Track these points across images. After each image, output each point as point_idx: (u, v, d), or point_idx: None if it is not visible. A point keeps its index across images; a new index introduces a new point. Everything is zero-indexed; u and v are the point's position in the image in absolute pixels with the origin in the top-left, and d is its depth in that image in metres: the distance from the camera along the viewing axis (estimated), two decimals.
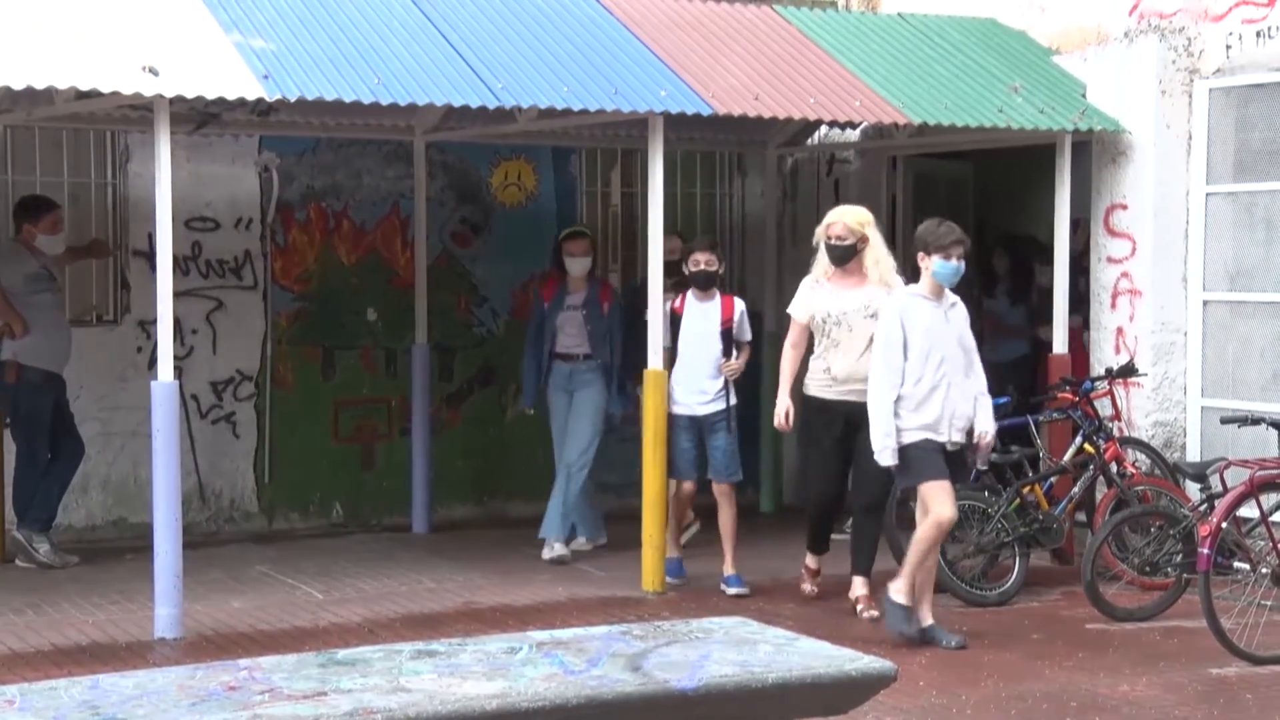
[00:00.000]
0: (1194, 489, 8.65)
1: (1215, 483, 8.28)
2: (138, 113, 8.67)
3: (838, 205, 11.41)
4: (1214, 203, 9.34)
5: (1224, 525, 7.22)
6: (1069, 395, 8.94)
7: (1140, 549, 8.28)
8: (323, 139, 10.17)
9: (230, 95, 7.42)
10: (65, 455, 9.23)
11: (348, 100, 7.63)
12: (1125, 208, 9.51)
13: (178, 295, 8.03)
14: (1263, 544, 7.39)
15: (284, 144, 10.19)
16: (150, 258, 8.96)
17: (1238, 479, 7.50)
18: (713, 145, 11.19)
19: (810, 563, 8.31)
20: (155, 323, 7.58)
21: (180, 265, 9.60)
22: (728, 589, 8.40)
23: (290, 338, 10.33)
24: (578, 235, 9.41)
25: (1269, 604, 7.30)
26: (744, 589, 8.37)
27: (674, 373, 8.41)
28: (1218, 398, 9.18)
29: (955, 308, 7.44)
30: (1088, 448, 8.69)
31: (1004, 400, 8.88)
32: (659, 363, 8.43)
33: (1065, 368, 9.47)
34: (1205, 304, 9.40)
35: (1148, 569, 8.21)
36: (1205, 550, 7.12)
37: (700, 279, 8.50)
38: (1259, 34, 9.03)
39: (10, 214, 9.24)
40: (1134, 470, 8.85)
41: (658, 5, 9.56)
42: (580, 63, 8.44)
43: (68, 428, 9.24)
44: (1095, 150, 9.64)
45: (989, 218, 12.18)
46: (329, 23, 8.14)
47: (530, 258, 10.86)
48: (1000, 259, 11.30)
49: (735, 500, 8.58)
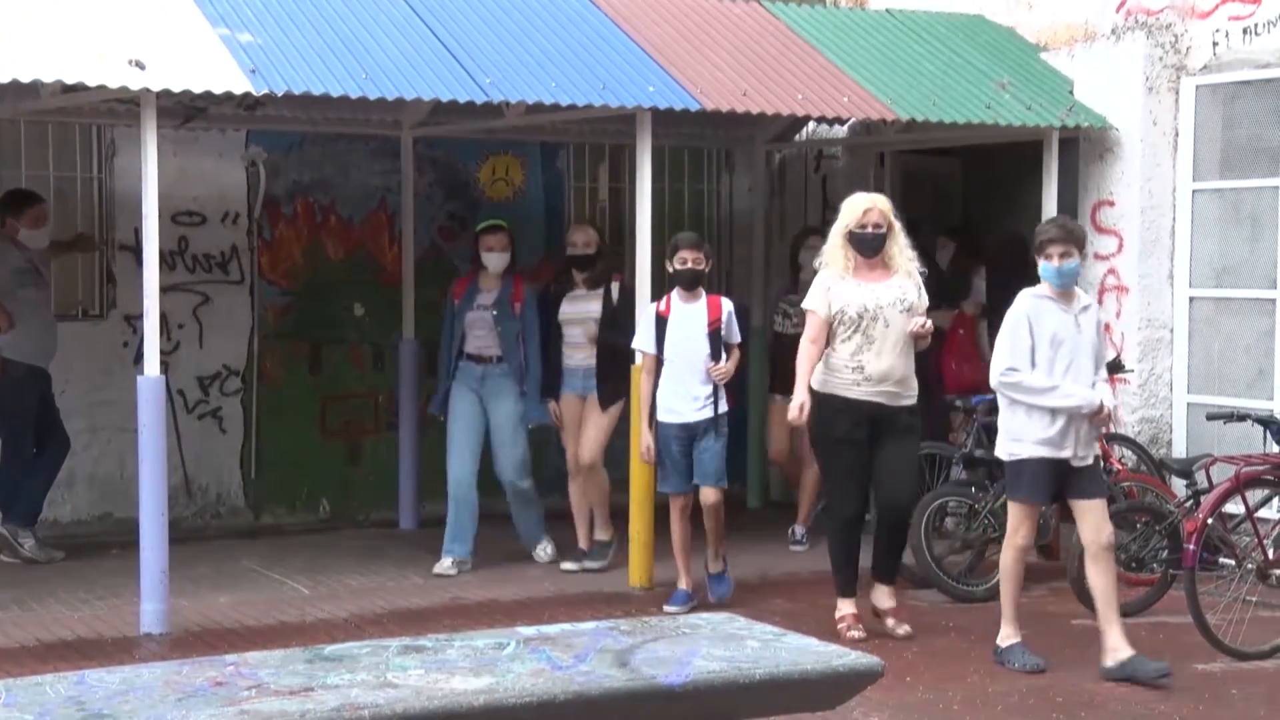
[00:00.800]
0: (1180, 485, 8.67)
1: (1201, 479, 8.30)
2: (124, 106, 8.63)
3: (826, 202, 11.58)
4: (1200, 199, 9.36)
5: (1210, 521, 7.23)
6: None
7: (1126, 545, 8.28)
8: (310, 134, 10.15)
9: (217, 89, 7.40)
10: (51, 450, 9.21)
11: (335, 94, 7.62)
12: (1112, 204, 9.53)
13: (164, 290, 8.00)
14: (1248, 540, 7.41)
15: (271, 139, 10.16)
16: (136, 252, 8.94)
17: (1223, 475, 7.52)
18: (700, 141, 11.20)
19: (848, 608, 7.57)
20: (141, 317, 7.55)
21: (166, 260, 9.55)
22: (710, 595, 8.11)
23: (277, 333, 10.30)
24: (496, 229, 8.85)
25: (1254, 600, 7.32)
26: (725, 592, 8.11)
27: (661, 379, 7.95)
28: (1204, 394, 9.20)
29: (1087, 312, 6.89)
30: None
31: (990, 397, 8.88)
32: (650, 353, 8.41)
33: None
34: (1191, 300, 9.42)
35: (1133, 565, 8.22)
36: (1191, 546, 7.14)
37: (686, 278, 7.99)
38: (1245, 31, 9.05)
39: None
40: (1120, 466, 8.86)
41: (645, 0, 9.55)
42: (568, 58, 8.44)
43: (53, 423, 9.22)
44: (1082, 147, 9.66)
45: (976, 214, 12.18)
46: (316, 17, 8.12)
47: (518, 253, 10.84)
48: (944, 252, 10.60)
49: (723, 509, 8.05)
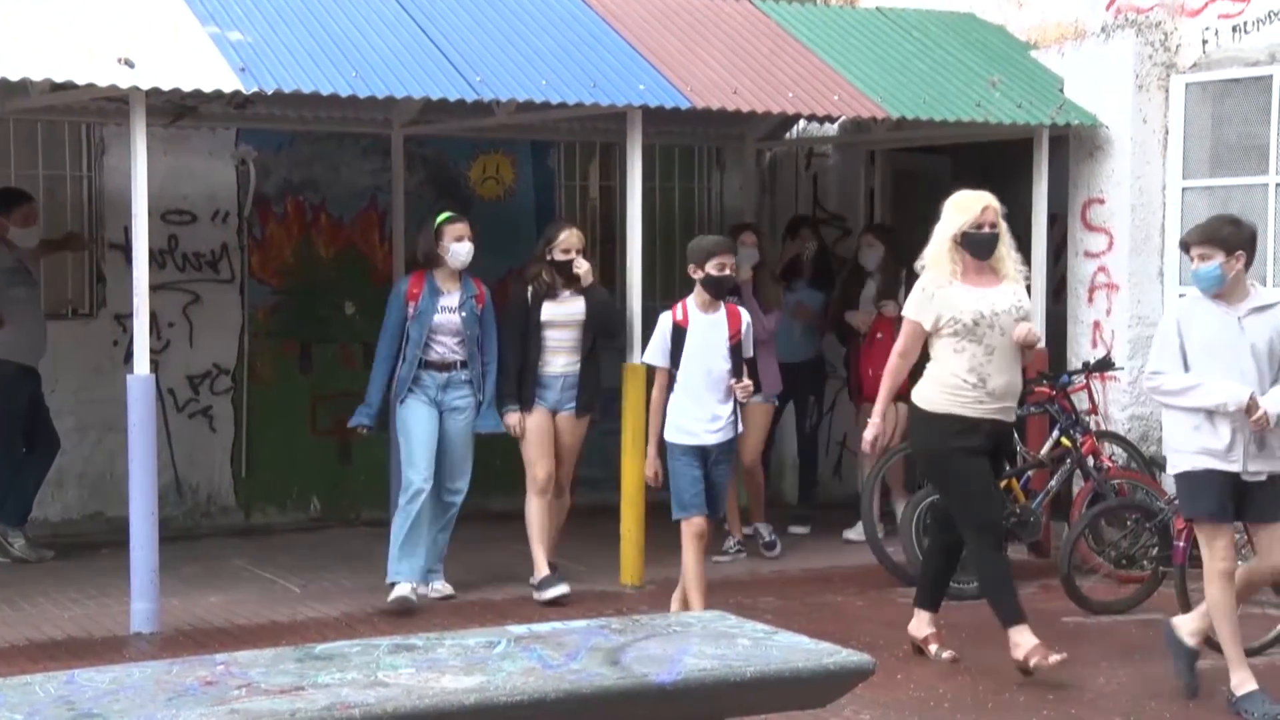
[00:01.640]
0: (1170, 482, 8.69)
1: None
2: (114, 105, 8.63)
3: (816, 200, 11.59)
4: (1190, 197, 9.36)
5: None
6: (1046, 389, 8.95)
7: (1116, 542, 8.31)
8: (300, 132, 10.14)
9: (207, 88, 7.39)
10: (41, 449, 9.19)
11: (325, 93, 7.61)
12: (1102, 202, 9.54)
13: (154, 289, 7.98)
14: (1239, 537, 7.41)
15: (261, 137, 10.15)
16: (126, 251, 8.90)
17: None
18: (691, 139, 11.20)
19: (929, 624, 7.13)
20: (131, 316, 7.53)
21: (156, 258, 9.55)
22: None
23: (267, 331, 10.30)
24: (460, 218, 8.07)
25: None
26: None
27: (675, 397, 7.13)
28: None
29: (1264, 313, 6.21)
30: (1065, 441, 8.71)
31: None
32: (636, 357, 8.40)
33: (1042, 362, 9.49)
34: (1181, 298, 9.41)
35: (1124, 562, 8.24)
36: (1181, 544, 7.14)
37: (720, 286, 7.16)
38: (1235, 29, 9.06)
39: None
40: (1110, 464, 8.87)
41: None
42: (559, 56, 8.43)
43: (43, 422, 9.20)
44: (1072, 145, 9.67)
45: None
46: (306, 15, 8.11)
47: (509, 252, 10.82)
48: (871, 252, 10.02)
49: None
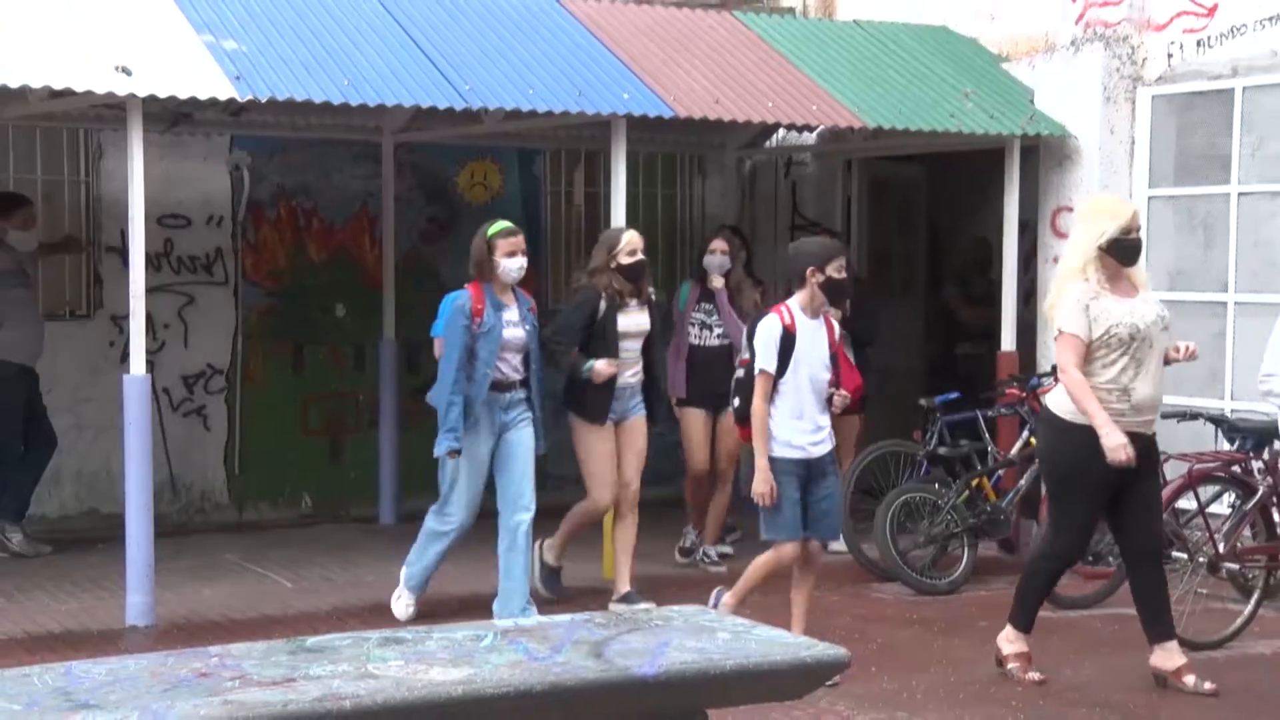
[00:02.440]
0: None
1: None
2: (111, 111, 8.60)
3: (795, 207, 11.61)
4: (1156, 206, 9.40)
5: (1163, 517, 7.27)
6: (1016, 391, 8.99)
7: None
8: (293, 139, 10.12)
9: (202, 95, 7.39)
10: (38, 447, 9.17)
11: (318, 101, 7.60)
12: (1071, 210, 9.55)
13: (150, 291, 7.96)
14: (1200, 534, 7.45)
15: (255, 143, 10.14)
16: (123, 254, 8.90)
17: (1177, 472, 7.55)
18: (674, 147, 11.20)
19: (1022, 645, 6.71)
20: (128, 317, 7.51)
21: (152, 261, 9.52)
22: None
23: (260, 333, 10.28)
24: (514, 232, 7.47)
25: (1205, 592, 7.37)
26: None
27: (778, 407, 6.57)
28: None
29: None
30: (1034, 441, 8.73)
31: (954, 395, 8.93)
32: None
33: (1013, 365, 9.52)
34: None
35: (1090, 558, 8.25)
36: None
37: (837, 288, 6.66)
38: (1199, 43, 9.10)
39: None
40: None
41: (621, 10, 9.56)
42: (545, 66, 8.43)
43: (40, 420, 9.17)
44: (1042, 154, 9.70)
45: (941, 220, 12.24)
46: (299, 25, 8.10)
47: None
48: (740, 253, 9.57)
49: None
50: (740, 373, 6.74)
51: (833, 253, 6.64)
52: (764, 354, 6.54)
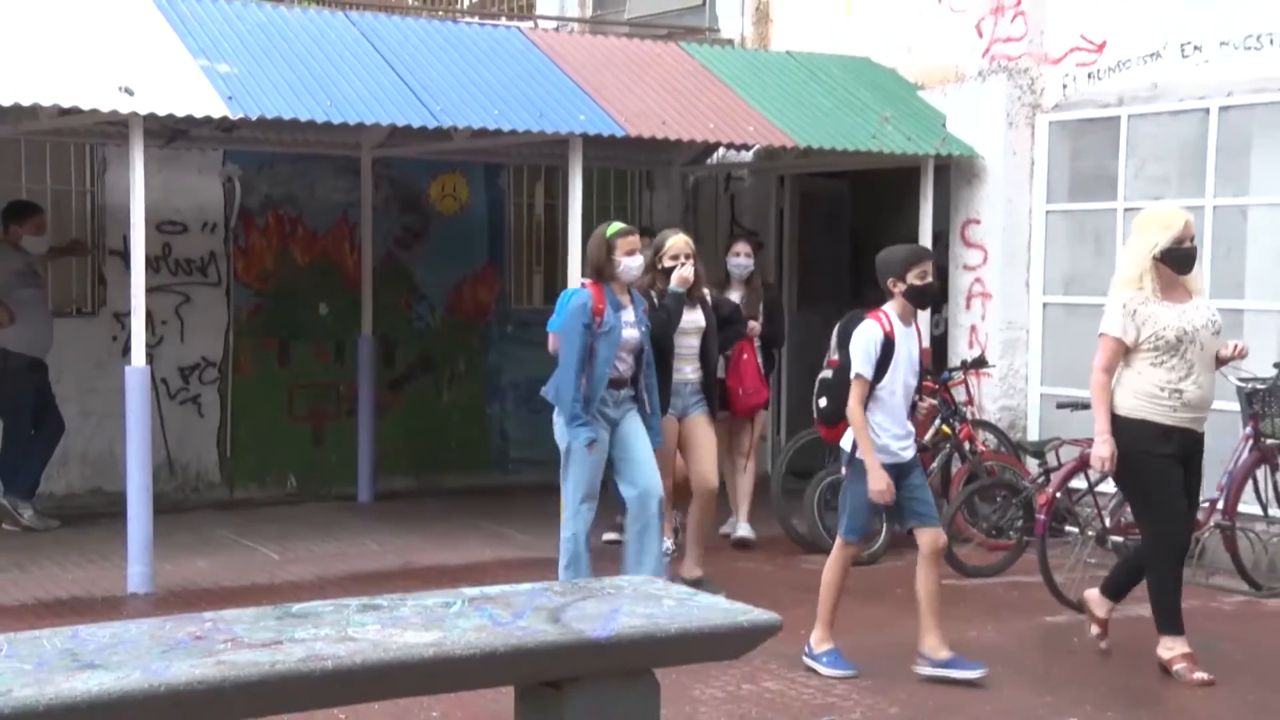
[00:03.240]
0: (1033, 464, 8.80)
1: (1051, 459, 8.42)
2: (114, 128, 8.52)
3: (733, 217, 11.62)
4: (1052, 219, 9.47)
5: (1058, 495, 7.34)
6: (930, 384, 9.03)
7: (988, 515, 8.39)
8: (280, 154, 10.05)
9: (198, 113, 7.32)
10: (48, 431, 9.08)
11: (303, 119, 7.55)
12: (978, 222, 9.62)
13: (150, 290, 7.89)
14: (1089, 511, 7.52)
15: (246, 157, 10.05)
16: (125, 257, 8.78)
17: (1070, 455, 7.62)
18: (625, 163, 11.19)
19: (1182, 647, 6.15)
20: (129, 315, 7.45)
21: (152, 264, 9.42)
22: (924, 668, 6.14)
23: (250, 329, 10.20)
24: (631, 231, 6.83)
25: (1094, 561, 7.44)
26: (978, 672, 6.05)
27: (878, 410, 6.05)
28: (1054, 386, 9.31)
29: None
30: (945, 429, 8.79)
31: None
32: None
33: (927, 360, 9.56)
34: (1045, 306, 9.53)
35: (994, 532, 8.32)
36: (1042, 516, 7.23)
37: (920, 295, 6.13)
38: (1090, 75, 9.17)
39: None
40: (984, 448, 8.95)
41: (578, 41, 9.55)
42: (509, 89, 8.41)
43: (50, 407, 9.08)
44: (953, 173, 9.74)
45: (863, 229, 12.28)
46: (287, 50, 8.04)
47: (463, 260, 10.85)
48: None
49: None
50: (828, 374, 6.27)
51: (913, 260, 6.09)
52: (863, 359, 6.01)
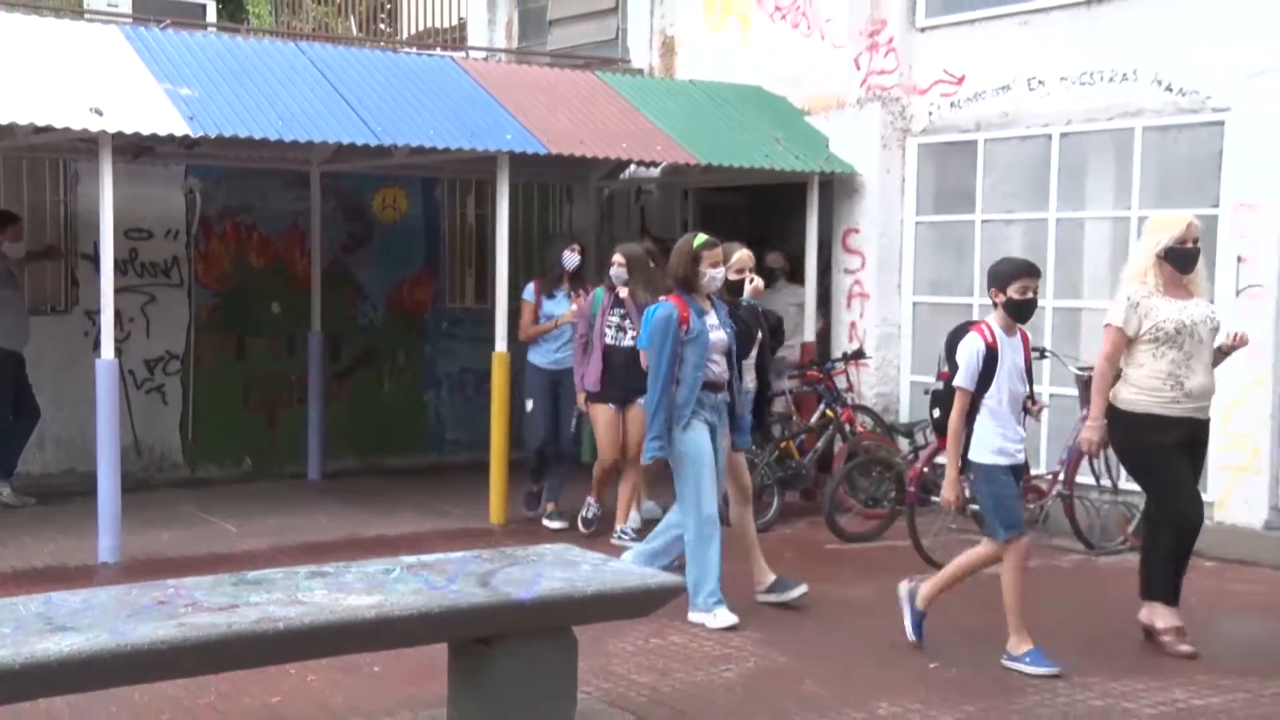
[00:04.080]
0: (905, 443, 8.94)
1: (920, 438, 8.56)
2: (86, 144, 8.34)
3: (644, 227, 11.64)
4: (921, 229, 9.60)
5: (925, 470, 7.45)
6: (815, 373, 9.14)
7: (865, 488, 8.51)
8: (237, 168, 9.90)
9: (162, 132, 7.20)
10: (25, 417, 8.89)
11: (258, 137, 7.45)
12: (857, 231, 9.73)
13: (118, 291, 7.75)
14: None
15: (206, 171, 9.90)
16: (95, 260, 8.58)
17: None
18: (548, 178, 11.17)
19: (1173, 618, 5.87)
20: (99, 312, 7.32)
21: (120, 267, 9.28)
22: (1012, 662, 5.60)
23: (210, 326, 10.05)
24: (715, 244, 6.32)
25: (955, 528, 7.57)
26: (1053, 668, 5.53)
27: (984, 420, 5.59)
28: (922, 375, 9.43)
29: None
30: (829, 413, 8.88)
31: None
32: (502, 346, 8.37)
33: (813, 352, 9.67)
34: (914, 305, 9.67)
35: (870, 503, 8.43)
36: (911, 489, 7.35)
37: (1019, 310, 5.64)
38: (952, 104, 9.31)
39: None
40: (862, 429, 9.06)
41: (505, 69, 9.52)
42: (444, 111, 8.36)
43: (27, 396, 8.89)
44: (836, 188, 9.84)
45: (759, 239, 12.33)
46: (243, 76, 7.93)
47: (402, 264, 10.79)
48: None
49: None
50: (940, 385, 5.90)
51: (1015, 275, 5.60)
52: (964, 372, 5.60)
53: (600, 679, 5.29)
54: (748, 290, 6.69)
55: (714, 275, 6.24)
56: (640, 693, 5.18)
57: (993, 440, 5.55)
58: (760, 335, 6.78)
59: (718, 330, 6.24)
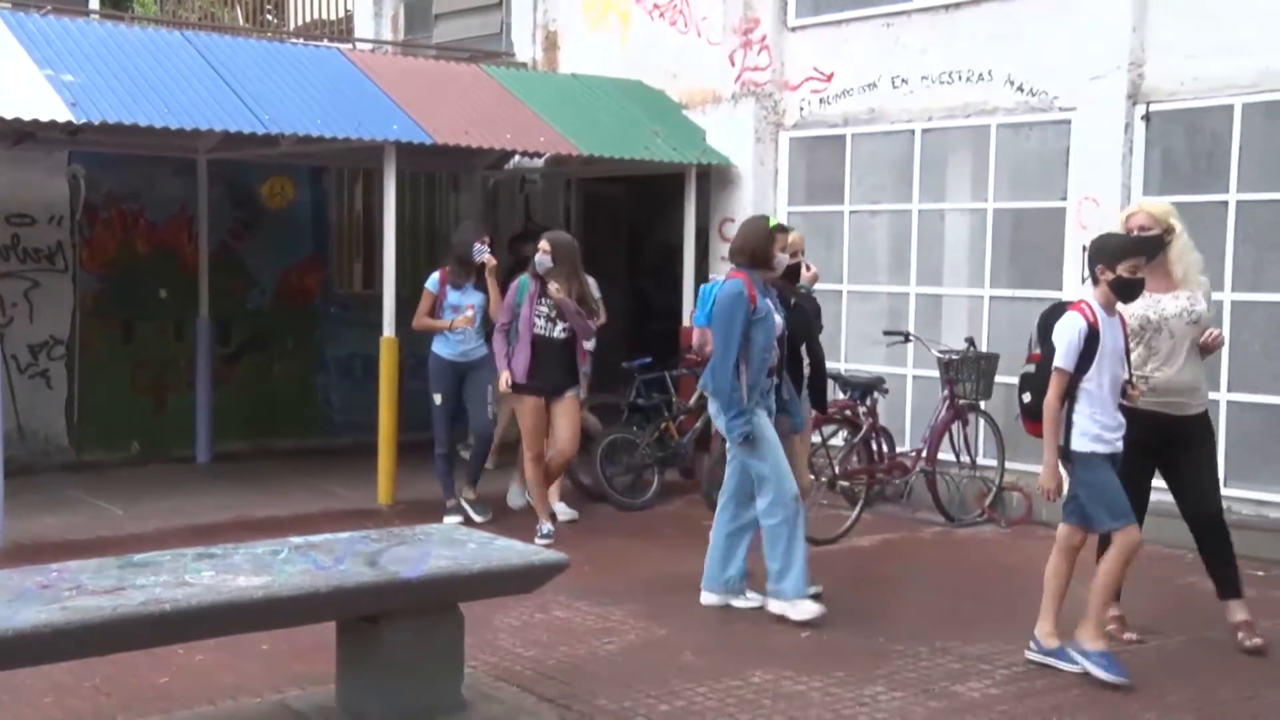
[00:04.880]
0: None
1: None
2: None
3: (528, 215, 11.57)
4: (794, 219, 9.70)
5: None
6: (694, 358, 9.18)
7: None
8: (123, 155, 9.57)
9: (44, 118, 6.93)
10: None
11: (142, 124, 7.22)
12: (733, 220, 9.79)
13: (1, 276, 7.44)
14: (823, 461, 7.77)
15: (89, 158, 9.55)
16: None
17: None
18: (433, 167, 11.03)
19: (1235, 613, 5.52)
20: None
21: (2, 253, 8.92)
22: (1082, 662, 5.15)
23: (95, 311, 9.71)
24: (788, 229, 6.20)
25: (826, 503, 7.71)
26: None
27: (1082, 406, 5.06)
28: None
29: None
30: (706, 394, 8.93)
31: (648, 360, 9.07)
32: (391, 331, 8.27)
33: (690, 336, 9.72)
34: None
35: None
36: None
37: (1127, 289, 5.08)
38: (821, 100, 9.44)
39: None
40: None
41: (391, 61, 9.35)
42: (331, 101, 8.20)
43: None
44: (713, 179, 9.91)
45: (640, 227, 12.40)
46: (127, 63, 7.68)
47: (291, 251, 10.55)
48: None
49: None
50: (1031, 368, 5.39)
51: (1129, 252, 5.04)
52: (1065, 353, 5.03)
53: (486, 654, 5.26)
54: (805, 276, 6.45)
55: (782, 259, 5.99)
56: (525, 666, 5.17)
57: (1090, 427, 5.03)
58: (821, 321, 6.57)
59: (778, 314, 5.97)
